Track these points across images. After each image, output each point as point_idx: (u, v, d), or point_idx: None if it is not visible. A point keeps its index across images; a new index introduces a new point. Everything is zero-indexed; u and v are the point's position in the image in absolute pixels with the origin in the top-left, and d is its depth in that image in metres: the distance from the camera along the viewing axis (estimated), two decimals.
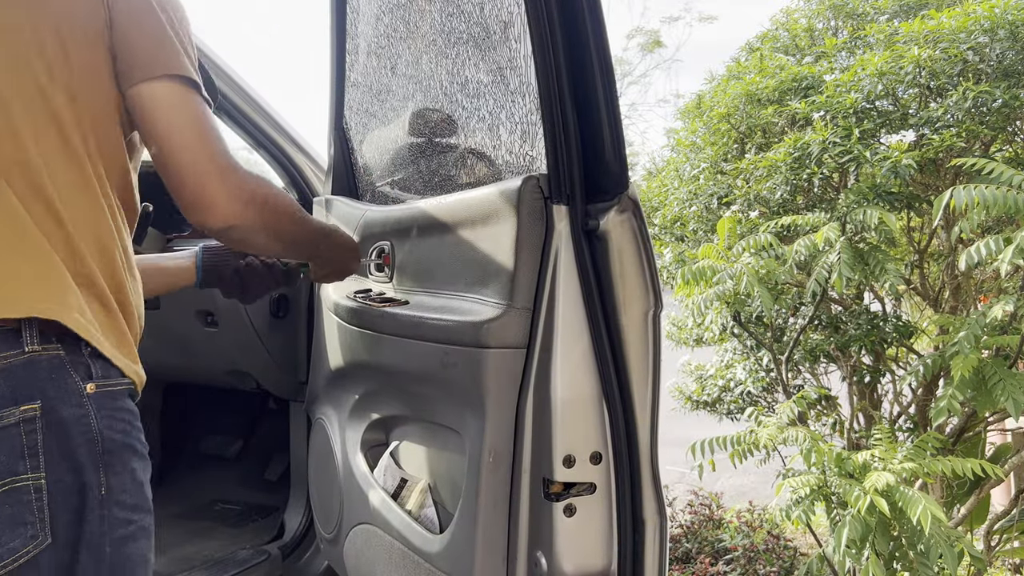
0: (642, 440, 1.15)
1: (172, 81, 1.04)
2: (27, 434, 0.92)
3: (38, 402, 0.93)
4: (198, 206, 1.05)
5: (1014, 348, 2.95)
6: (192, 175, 1.04)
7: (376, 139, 1.85)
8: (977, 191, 2.65)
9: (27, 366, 0.94)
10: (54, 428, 0.94)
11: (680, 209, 4.24)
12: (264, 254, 1.35)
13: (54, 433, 0.94)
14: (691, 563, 4.55)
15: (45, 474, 0.93)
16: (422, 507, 1.43)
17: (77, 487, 0.96)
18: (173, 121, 1.04)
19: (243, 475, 2.67)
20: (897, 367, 4.09)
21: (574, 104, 1.11)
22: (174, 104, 1.04)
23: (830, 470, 2.96)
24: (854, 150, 3.22)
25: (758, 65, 4.18)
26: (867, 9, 4.23)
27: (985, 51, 3.33)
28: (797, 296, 3.83)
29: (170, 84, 1.04)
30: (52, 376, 0.95)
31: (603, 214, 1.11)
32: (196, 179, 1.04)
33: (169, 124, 1.04)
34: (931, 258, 4.05)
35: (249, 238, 1.14)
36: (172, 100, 1.04)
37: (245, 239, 1.14)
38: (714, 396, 4.56)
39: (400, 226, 1.54)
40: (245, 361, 2.14)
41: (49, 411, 0.94)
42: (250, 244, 1.21)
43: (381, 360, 1.51)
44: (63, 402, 0.95)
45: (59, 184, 1.01)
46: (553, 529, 1.13)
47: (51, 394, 0.94)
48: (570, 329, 1.13)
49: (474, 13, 1.37)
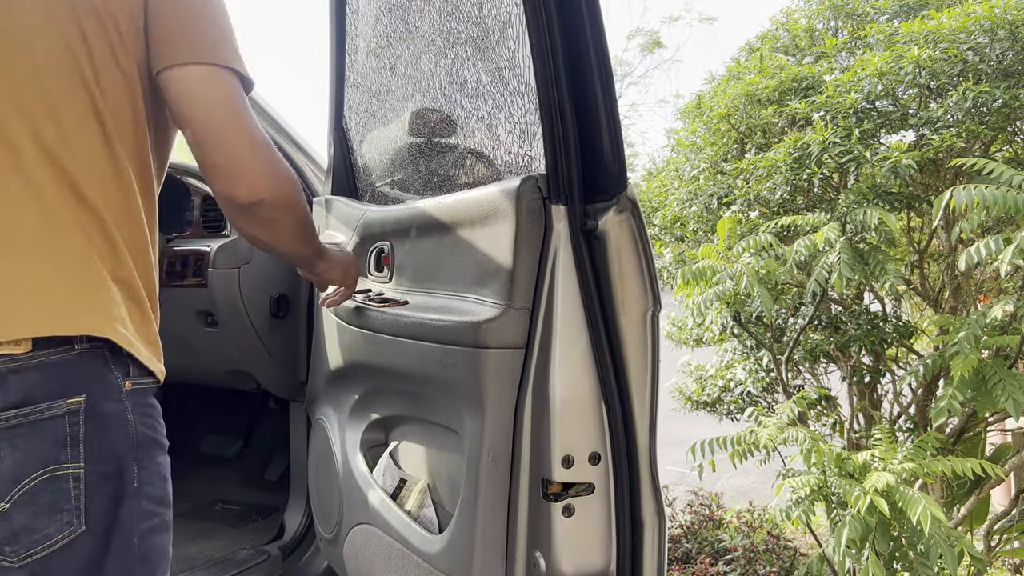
0: (641, 440, 1.15)
1: (208, 66, 1.04)
2: (71, 426, 0.96)
3: (84, 396, 0.97)
4: (230, 174, 1.04)
5: (1014, 348, 2.95)
6: (228, 144, 1.03)
7: (376, 139, 1.86)
8: (977, 191, 2.65)
9: (76, 362, 0.97)
10: (96, 421, 0.98)
11: (680, 209, 4.24)
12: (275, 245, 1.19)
13: (96, 426, 0.97)
14: (691, 563, 4.54)
15: (84, 464, 0.96)
16: (421, 507, 1.43)
17: (113, 478, 0.99)
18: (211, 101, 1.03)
19: (243, 475, 2.67)
20: (897, 367, 4.09)
21: (573, 104, 1.11)
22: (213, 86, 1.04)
23: (830, 470, 2.96)
24: (854, 150, 3.22)
25: (758, 65, 4.18)
26: (867, 9, 4.22)
27: (985, 51, 3.33)
28: (797, 296, 3.83)
29: (207, 68, 1.04)
30: (96, 372, 0.99)
31: (602, 214, 1.11)
32: (231, 148, 1.03)
33: (207, 104, 1.03)
34: (931, 258, 4.05)
35: (275, 218, 1.09)
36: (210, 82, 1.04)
37: (270, 220, 1.09)
38: (714, 396, 4.56)
39: (399, 226, 1.54)
40: (245, 361, 2.15)
41: (92, 405, 0.97)
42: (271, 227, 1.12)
43: (380, 360, 1.51)
44: (105, 397, 0.99)
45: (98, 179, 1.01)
46: (552, 529, 1.13)
47: (95, 389, 0.98)
48: (569, 329, 1.13)
49: (473, 13, 1.37)
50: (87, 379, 0.98)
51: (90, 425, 0.97)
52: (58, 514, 0.95)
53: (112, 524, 0.99)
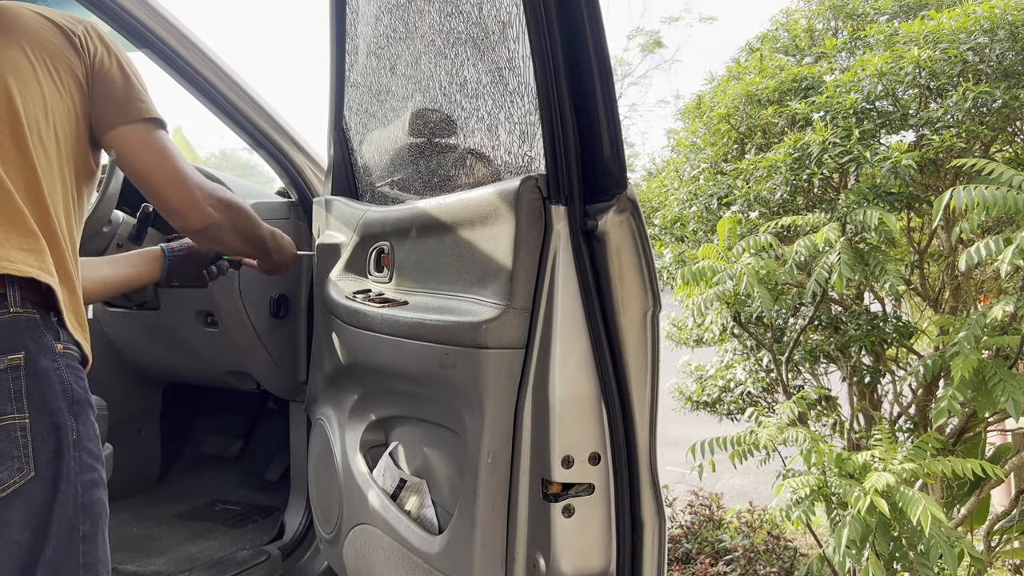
0: (641, 441, 1.15)
1: (144, 124, 1.32)
2: (13, 380, 1.05)
3: (22, 353, 1.06)
4: (181, 213, 1.37)
5: (1014, 348, 2.95)
6: (174, 193, 1.35)
7: (376, 139, 1.85)
8: (977, 191, 2.65)
9: (11, 323, 1.07)
10: (34, 376, 1.07)
11: (680, 209, 4.24)
12: (229, 250, 1.65)
13: (34, 380, 1.07)
14: (691, 563, 4.54)
15: (28, 415, 1.05)
16: (421, 507, 1.43)
17: (53, 429, 1.08)
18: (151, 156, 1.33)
19: (243, 475, 2.67)
20: (897, 367, 4.09)
21: (573, 104, 1.11)
22: (150, 142, 1.32)
23: (830, 471, 2.96)
24: (854, 150, 3.22)
25: (758, 65, 4.18)
26: (867, 10, 4.23)
27: (985, 51, 3.33)
28: (797, 296, 3.84)
29: (143, 126, 1.32)
30: (30, 333, 1.08)
31: (601, 214, 1.11)
32: (177, 195, 1.35)
33: (150, 159, 1.32)
34: (931, 258, 4.05)
35: (220, 235, 1.45)
36: (147, 139, 1.32)
37: (217, 236, 1.44)
38: (714, 396, 4.56)
39: (399, 226, 1.54)
40: (245, 361, 2.15)
41: (30, 362, 1.07)
42: (220, 241, 1.49)
43: (380, 361, 1.51)
44: (40, 355, 1.08)
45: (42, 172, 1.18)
46: (552, 530, 1.13)
47: (31, 347, 1.08)
48: (569, 329, 1.13)
49: (473, 13, 1.37)
50: (23, 338, 1.07)
51: (30, 380, 1.06)
52: (10, 460, 1.03)
53: (57, 473, 1.07)
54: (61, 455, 1.08)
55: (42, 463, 1.06)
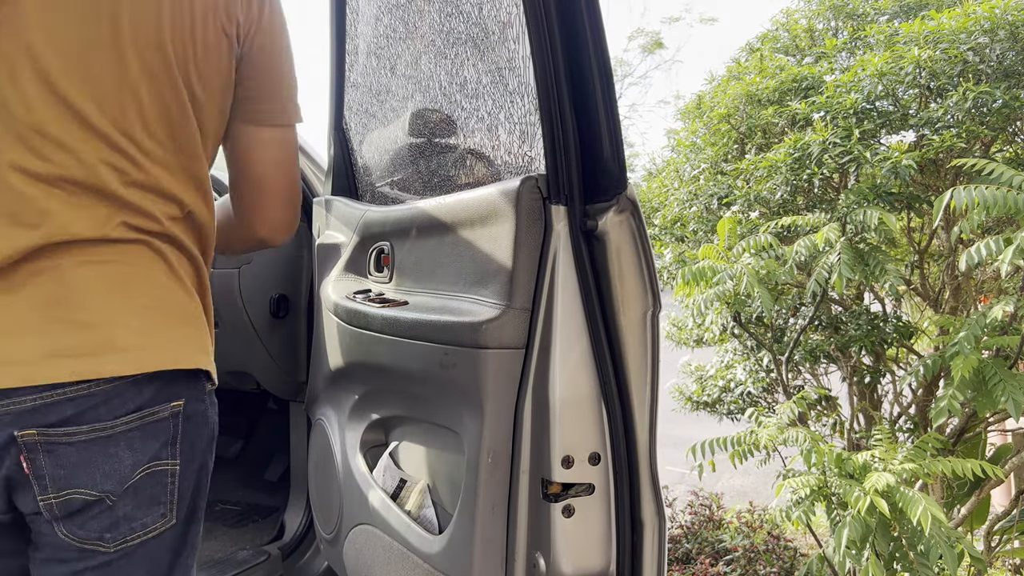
0: (641, 441, 1.15)
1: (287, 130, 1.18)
2: (174, 426, 1.05)
3: (183, 399, 1.06)
4: (281, 230, 1.24)
5: (1014, 348, 2.95)
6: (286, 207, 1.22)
7: (376, 139, 1.85)
8: (977, 192, 2.65)
9: (178, 372, 1.06)
10: (187, 421, 1.07)
11: (680, 210, 4.24)
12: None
13: (188, 424, 1.07)
14: (691, 563, 4.55)
15: (180, 460, 1.06)
16: (421, 508, 1.43)
17: (197, 470, 1.10)
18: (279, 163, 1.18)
19: (243, 475, 2.67)
20: (897, 367, 4.09)
21: (572, 105, 1.11)
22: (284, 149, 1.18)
23: (830, 471, 2.96)
24: (854, 150, 3.22)
25: (758, 66, 4.18)
26: (867, 10, 4.23)
27: (985, 52, 3.33)
28: (797, 296, 3.84)
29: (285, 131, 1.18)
30: (188, 378, 1.08)
31: (601, 214, 1.11)
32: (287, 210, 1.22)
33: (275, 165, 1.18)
34: (931, 258, 4.06)
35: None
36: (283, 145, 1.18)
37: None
38: (714, 397, 4.56)
39: (399, 226, 1.54)
40: (245, 361, 2.14)
41: (187, 406, 1.07)
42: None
43: (380, 360, 1.51)
44: (195, 399, 1.09)
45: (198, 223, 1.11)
46: (552, 530, 1.13)
47: (188, 393, 1.08)
48: (569, 329, 1.13)
49: (473, 14, 1.37)
50: (185, 384, 1.07)
51: (186, 425, 1.06)
52: (157, 506, 1.04)
53: (191, 515, 1.10)
54: (198, 496, 1.11)
55: (183, 509, 1.08)
